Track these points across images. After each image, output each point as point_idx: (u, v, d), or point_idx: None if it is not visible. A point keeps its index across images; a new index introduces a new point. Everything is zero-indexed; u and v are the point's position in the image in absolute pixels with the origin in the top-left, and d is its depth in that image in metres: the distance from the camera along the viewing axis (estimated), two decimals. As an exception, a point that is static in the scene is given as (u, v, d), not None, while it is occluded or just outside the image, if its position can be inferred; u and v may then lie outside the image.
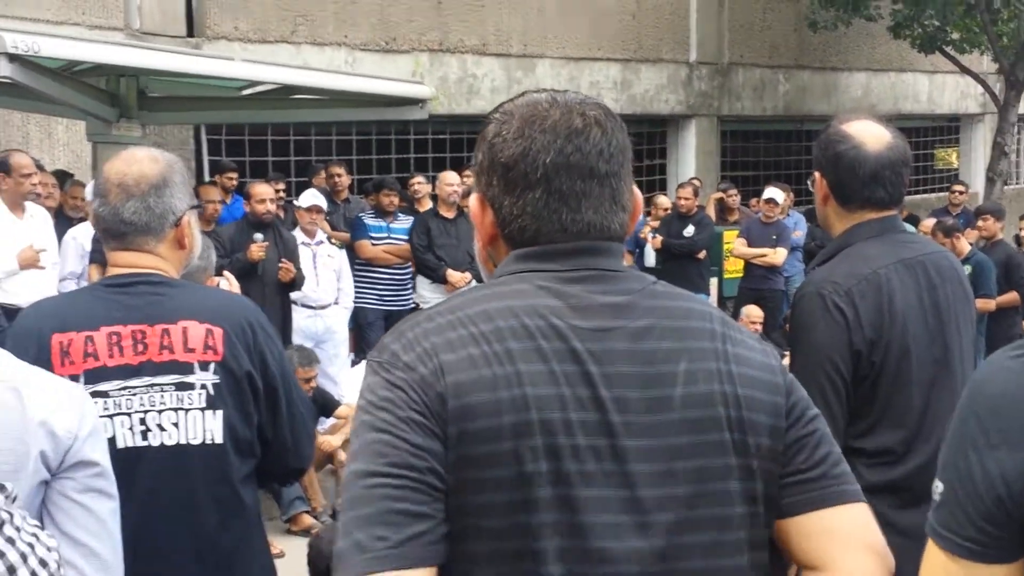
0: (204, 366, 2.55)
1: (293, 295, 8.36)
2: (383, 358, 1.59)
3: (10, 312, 6.72)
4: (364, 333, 9.44)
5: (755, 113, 17.23)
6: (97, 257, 7.36)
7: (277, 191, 10.29)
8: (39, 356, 2.48)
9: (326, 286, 8.52)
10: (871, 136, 2.85)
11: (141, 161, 2.66)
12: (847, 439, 2.69)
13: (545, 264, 1.65)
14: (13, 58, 7.01)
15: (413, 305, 9.37)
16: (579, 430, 1.54)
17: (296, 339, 8.24)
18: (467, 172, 10.51)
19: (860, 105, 18.13)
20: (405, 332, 1.61)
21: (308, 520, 7.09)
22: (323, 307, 8.51)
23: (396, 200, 9.73)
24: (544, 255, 1.65)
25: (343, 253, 8.82)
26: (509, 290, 1.63)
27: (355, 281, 9.02)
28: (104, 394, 2.52)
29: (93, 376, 2.52)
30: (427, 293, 9.18)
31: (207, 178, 10.93)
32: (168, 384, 2.54)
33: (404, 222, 9.60)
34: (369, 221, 9.65)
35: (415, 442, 1.51)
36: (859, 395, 2.72)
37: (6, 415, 1.92)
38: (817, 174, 2.93)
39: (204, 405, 2.55)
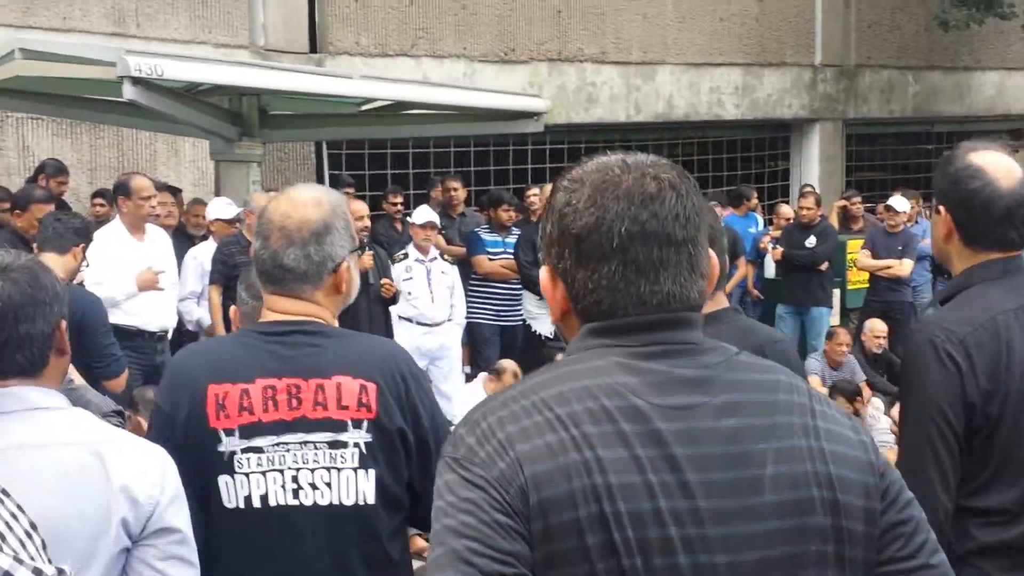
0: (357, 424, 2.50)
1: (408, 313, 8.41)
2: (459, 454, 1.52)
3: (130, 333, 6.90)
4: (479, 349, 9.46)
5: (882, 116, 16.78)
6: (217, 278, 7.48)
7: (395, 204, 10.44)
8: (193, 407, 2.49)
9: (440, 303, 8.55)
10: (1004, 171, 2.65)
11: (306, 205, 2.58)
12: (958, 497, 2.54)
13: (622, 339, 1.58)
14: (136, 81, 7.21)
15: (523, 321, 9.36)
16: (670, 519, 1.47)
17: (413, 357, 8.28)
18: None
19: (993, 106, 17.54)
20: (479, 422, 1.54)
21: (420, 543, 7.07)
22: (437, 324, 8.53)
23: (514, 215, 9.74)
24: (621, 329, 1.58)
25: (455, 269, 8.85)
26: (585, 368, 1.56)
27: (470, 296, 9.04)
28: (258, 450, 2.49)
29: (248, 431, 2.49)
30: (533, 308, 9.18)
31: (327, 192, 11.04)
32: (321, 442, 2.49)
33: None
34: (485, 236, 9.68)
35: (502, 548, 1.44)
36: (973, 450, 2.55)
37: (88, 480, 1.94)
38: (942, 209, 2.73)
39: (357, 464, 2.49)
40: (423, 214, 8.76)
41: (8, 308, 2.05)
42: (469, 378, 8.73)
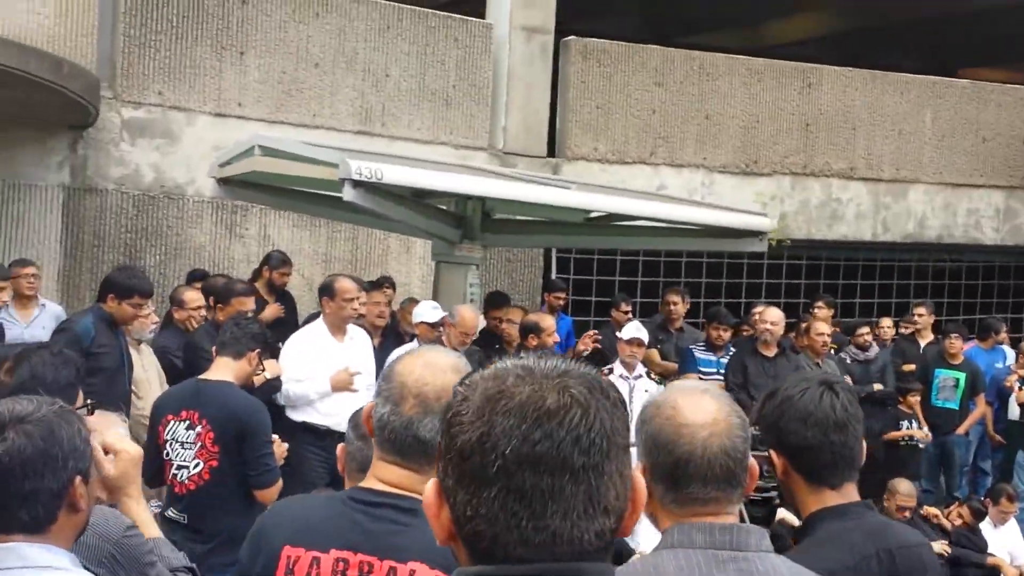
0: None
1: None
2: None
3: (320, 432, 7.10)
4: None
5: None
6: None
7: (626, 313, 10.41)
8: (266, 566, 2.47)
9: (639, 422, 8.41)
10: None
11: (444, 371, 2.41)
12: None
13: None
14: (357, 184, 7.48)
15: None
16: None
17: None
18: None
19: None
20: None
21: None
22: (633, 444, 8.37)
23: (727, 335, 9.52)
24: None
25: (661, 389, 8.68)
26: None
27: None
28: None
29: None
30: (742, 434, 8.86)
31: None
32: None
33: (735, 357, 9.37)
34: (699, 354, 9.52)
35: None
36: None
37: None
38: None
39: None
40: (631, 330, 8.68)
41: (15, 462, 2.05)
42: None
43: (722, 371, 9.37)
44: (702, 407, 2.21)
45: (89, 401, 2.70)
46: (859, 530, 2.67)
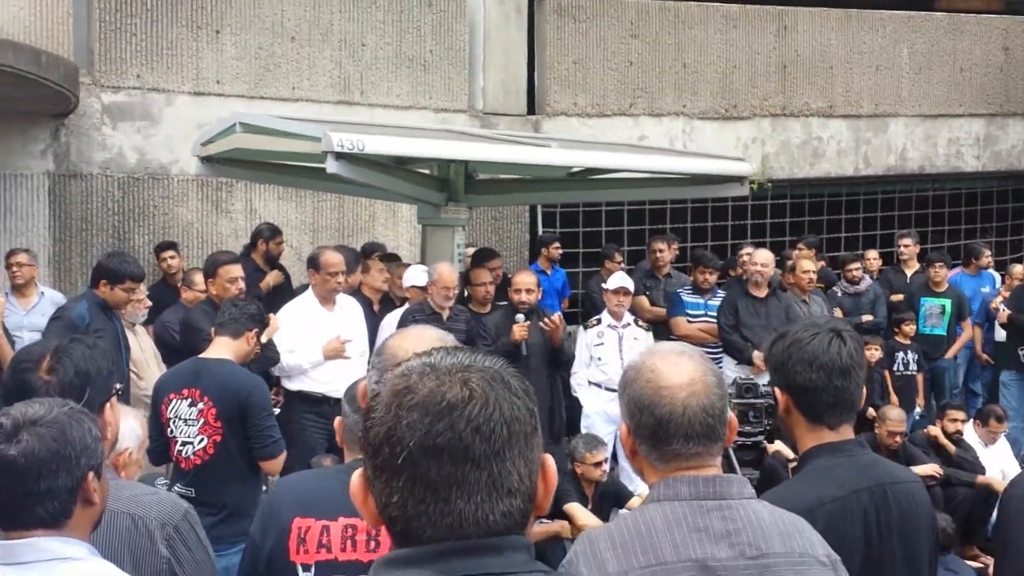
0: None
1: (597, 378, 8.48)
2: None
3: (315, 400, 7.25)
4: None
5: None
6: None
7: (619, 263, 10.57)
8: (279, 539, 2.58)
9: (630, 370, 8.55)
10: None
11: (433, 344, 2.39)
12: None
13: (417, 571, 1.46)
14: (340, 156, 7.57)
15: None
16: None
17: (599, 421, 8.35)
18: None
19: None
20: None
21: None
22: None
23: (712, 278, 9.63)
24: (412, 560, 1.47)
25: (650, 336, 8.82)
26: None
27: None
28: None
29: (324, 569, 2.56)
30: (732, 374, 8.99)
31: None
32: None
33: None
34: (686, 298, 9.63)
35: None
36: None
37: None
38: None
39: None
40: (616, 280, 8.81)
41: (31, 463, 2.18)
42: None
43: (710, 313, 9.49)
44: (680, 369, 2.32)
45: (119, 385, 2.83)
46: (851, 466, 2.78)
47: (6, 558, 2.17)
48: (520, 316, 7.92)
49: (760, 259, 9.26)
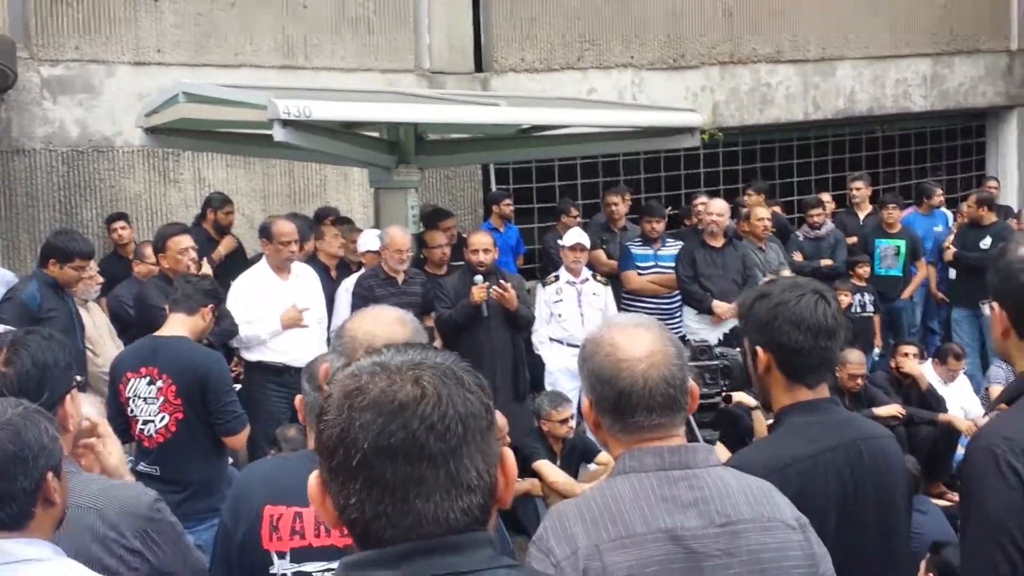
0: None
1: (558, 335, 8.46)
2: None
3: (276, 369, 7.18)
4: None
5: (1089, 99, 15.81)
6: (358, 302, 7.57)
7: (576, 218, 10.52)
8: (251, 527, 2.55)
9: (591, 325, 8.53)
10: None
11: (391, 323, 2.54)
12: None
13: (385, 572, 1.44)
14: (286, 123, 7.46)
15: (682, 336, 9.23)
16: None
17: (562, 378, 8.34)
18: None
19: None
20: None
21: None
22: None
23: (660, 227, 9.58)
24: (377, 562, 1.45)
25: (608, 290, 8.81)
26: None
27: (623, 312, 8.98)
28: (307, 575, 2.53)
29: (298, 555, 2.54)
30: (693, 324, 9.03)
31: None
32: None
33: (672, 248, 9.47)
34: (636, 250, 9.57)
35: None
36: None
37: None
38: (996, 305, 2.58)
39: None
40: (572, 236, 8.77)
41: None
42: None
43: (660, 263, 9.44)
44: (638, 341, 2.29)
45: (79, 378, 2.77)
46: (824, 423, 2.77)
47: None
48: (478, 277, 7.86)
49: (715, 209, 9.25)
